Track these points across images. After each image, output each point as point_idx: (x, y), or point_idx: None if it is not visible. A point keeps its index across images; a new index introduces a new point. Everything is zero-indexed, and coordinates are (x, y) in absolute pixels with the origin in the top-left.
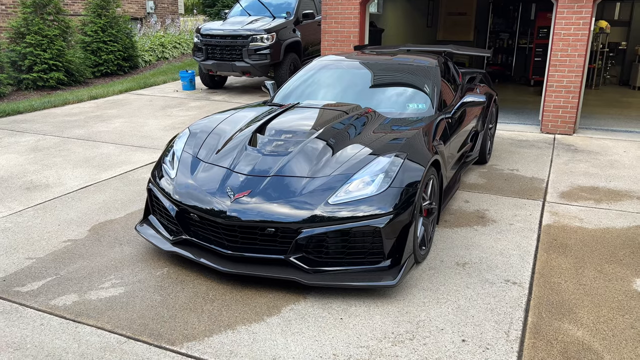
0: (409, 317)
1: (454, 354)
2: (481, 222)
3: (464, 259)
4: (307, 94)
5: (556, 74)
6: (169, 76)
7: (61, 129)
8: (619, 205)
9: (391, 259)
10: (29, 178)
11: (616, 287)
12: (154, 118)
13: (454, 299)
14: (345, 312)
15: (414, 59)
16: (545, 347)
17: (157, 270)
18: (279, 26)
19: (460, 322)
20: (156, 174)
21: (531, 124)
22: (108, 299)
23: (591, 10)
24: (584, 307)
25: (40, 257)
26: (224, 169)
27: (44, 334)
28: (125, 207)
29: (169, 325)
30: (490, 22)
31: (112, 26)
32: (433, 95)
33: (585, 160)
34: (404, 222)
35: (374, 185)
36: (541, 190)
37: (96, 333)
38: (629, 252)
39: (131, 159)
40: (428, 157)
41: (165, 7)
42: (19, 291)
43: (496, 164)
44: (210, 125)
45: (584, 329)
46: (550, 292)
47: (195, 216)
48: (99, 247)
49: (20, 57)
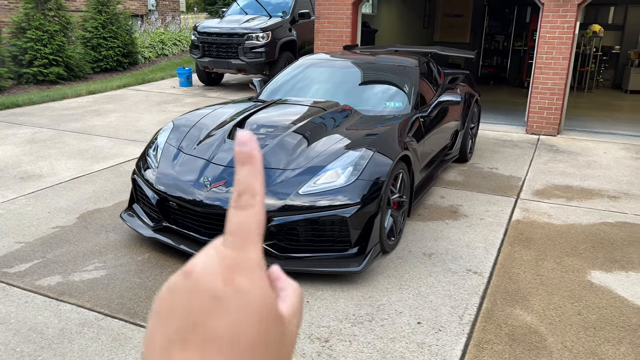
0: (371, 301)
1: (408, 334)
2: (453, 217)
3: (431, 249)
4: (292, 91)
5: (541, 76)
6: (167, 73)
7: (58, 122)
8: (588, 203)
9: (358, 247)
10: (24, 168)
11: (571, 277)
12: (149, 113)
13: (415, 285)
14: (312, 296)
15: (395, 59)
16: (494, 330)
17: (139, 255)
18: (274, 25)
19: (419, 306)
20: (141, 164)
21: (517, 125)
22: (90, 281)
23: (575, 14)
24: (537, 295)
25: (29, 242)
26: (202, 160)
27: (27, 311)
28: (114, 197)
29: (144, 304)
30: (486, 24)
31: (113, 23)
32: (410, 94)
33: (565, 161)
34: (370, 213)
35: (343, 177)
36: (517, 187)
37: (76, 310)
38: (589, 247)
39: (123, 151)
40: (397, 152)
41: (167, 4)
42: (6, 272)
43: (477, 163)
44: (194, 119)
45: (533, 315)
46: (508, 281)
47: (175, 204)
48: (86, 234)
49: (21, 52)
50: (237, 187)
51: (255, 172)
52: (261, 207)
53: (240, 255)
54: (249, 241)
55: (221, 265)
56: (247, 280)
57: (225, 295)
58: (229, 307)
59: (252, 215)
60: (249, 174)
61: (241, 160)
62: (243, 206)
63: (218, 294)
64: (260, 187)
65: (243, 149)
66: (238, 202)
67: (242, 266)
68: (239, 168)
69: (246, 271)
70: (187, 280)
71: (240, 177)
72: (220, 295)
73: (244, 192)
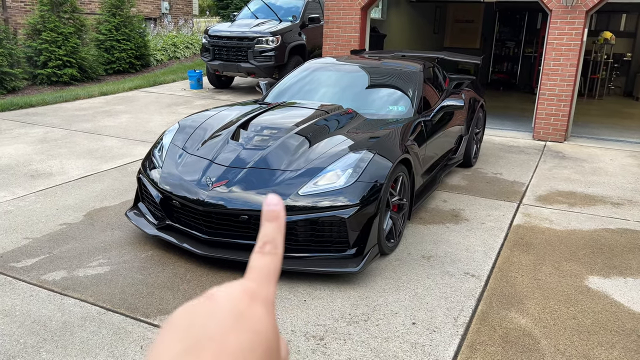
0: (367, 301)
1: (402, 335)
2: (454, 220)
3: (430, 252)
4: (297, 94)
5: (548, 83)
6: (178, 75)
7: (69, 123)
8: (591, 209)
9: (356, 248)
10: (34, 167)
11: (569, 282)
12: (159, 114)
13: (412, 287)
14: (310, 295)
15: (400, 64)
16: (488, 332)
17: (142, 252)
18: (284, 29)
19: (414, 307)
20: (146, 164)
21: (524, 131)
22: (94, 276)
23: (583, 21)
24: (533, 299)
25: (37, 238)
26: (206, 160)
27: (32, 304)
28: (121, 195)
29: (145, 300)
30: (497, 30)
31: (126, 25)
32: (414, 98)
33: (570, 167)
34: (369, 214)
35: (343, 179)
36: (520, 193)
37: (79, 305)
38: (589, 252)
39: (132, 152)
40: (397, 155)
41: (180, 7)
42: (13, 266)
43: (481, 168)
44: (199, 119)
45: (528, 318)
46: (505, 284)
47: (177, 203)
48: (92, 231)
49: (36, 53)
50: (262, 239)
51: (279, 229)
52: (280, 258)
53: (260, 289)
54: (268, 281)
55: (244, 292)
56: (264, 310)
57: (245, 316)
58: (246, 327)
59: (272, 262)
60: (274, 230)
61: (269, 218)
62: (266, 253)
63: (239, 312)
64: (281, 241)
65: (272, 208)
66: (262, 250)
67: (261, 297)
68: (266, 223)
69: (264, 302)
70: (210, 301)
71: (266, 231)
72: (241, 314)
73: (268, 242)
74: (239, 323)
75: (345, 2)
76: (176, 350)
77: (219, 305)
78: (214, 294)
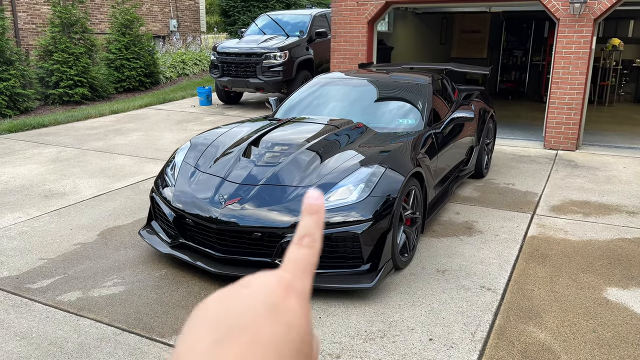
0: (383, 317)
1: (419, 351)
2: (467, 233)
3: (445, 266)
4: (307, 109)
5: (558, 91)
6: (187, 92)
7: (81, 142)
8: (606, 218)
9: (370, 263)
10: (48, 187)
11: (587, 294)
12: (169, 132)
13: (428, 302)
14: (325, 312)
15: (409, 77)
16: (507, 347)
17: (156, 271)
18: (292, 44)
19: (431, 323)
20: (159, 182)
21: (535, 140)
22: (109, 296)
23: (592, 29)
24: (551, 312)
25: (52, 258)
26: (218, 178)
27: (48, 325)
28: (134, 214)
29: (161, 320)
30: (504, 39)
31: (135, 44)
32: (423, 111)
33: (583, 176)
34: (382, 229)
35: (356, 194)
36: (533, 203)
37: (95, 325)
38: (606, 263)
39: (144, 169)
40: (409, 169)
41: (188, 25)
42: (29, 288)
43: (493, 178)
44: (211, 137)
45: (547, 332)
46: (522, 298)
47: (191, 221)
48: (105, 250)
49: (48, 74)
50: (301, 231)
51: (318, 223)
52: (318, 251)
53: (296, 282)
54: (304, 273)
55: (279, 283)
56: (298, 302)
57: (280, 308)
58: (280, 319)
59: (310, 254)
60: (313, 223)
61: (309, 211)
62: (304, 246)
63: (274, 303)
64: (320, 235)
65: (313, 202)
66: (300, 242)
67: (296, 289)
68: (306, 217)
69: (299, 295)
70: (245, 289)
71: (305, 224)
72: (276, 305)
73: (306, 235)
74: (272, 314)
75: (351, 16)
76: (207, 341)
77: (253, 294)
78: (249, 282)
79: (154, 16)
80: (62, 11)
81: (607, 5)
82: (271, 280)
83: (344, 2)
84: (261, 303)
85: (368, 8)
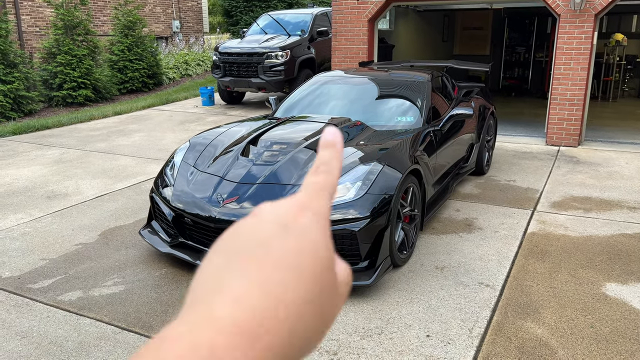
0: (380, 314)
1: (416, 347)
2: (467, 230)
3: (444, 263)
4: (306, 108)
5: (560, 87)
6: (190, 92)
7: (84, 143)
8: (607, 214)
9: (368, 260)
10: (51, 188)
11: (585, 290)
12: (172, 132)
13: (426, 299)
14: None
15: (408, 75)
16: (504, 343)
17: (156, 270)
18: (293, 43)
19: (428, 319)
20: (158, 182)
21: (537, 137)
22: (109, 296)
23: (593, 24)
24: (549, 307)
25: (53, 259)
26: (216, 177)
27: (49, 325)
28: (135, 214)
29: (160, 318)
30: (506, 36)
31: (138, 45)
32: (422, 108)
33: (585, 172)
34: (380, 227)
35: (353, 191)
36: (534, 200)
37: (95, 324)
38: (605, 259)
39: (146, 170)
40: (406, 166)
41: (191, 26)
42: (30, 288)
43: (494, 175)
44: (210, 137)
45: (545, 327)
46: (520, 294)
47: (189, 220)
48: (106, 250)
49: (51, 76)
50: (317, 162)
51: (335, 154)
52: (336, 177)
53: (311, 201)
54: (321, 194)
55: (292, 204)
56: (314, 219)
57: (291, 225)
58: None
59: (326, 179)
60: (329, 154)
61: (325, 145)
62: (320, 172)
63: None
64: (337, 165)
65: (329, 137)
66: (316, 171)
67: (311, 209)
68: (322, 150)
69: (314, 214)
70: (256, 215)
71: (320, 156)
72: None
73: (322, 164)
74: (284, 231)
75: (352, 15)
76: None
77: (265, 217)
78: (263, 207)
79: (156, 17)
80: (65, 14)
81: (608, 0)
82: (285, 203)
83: (344, 1)
84: (271, 223)
85: (369, 6)
